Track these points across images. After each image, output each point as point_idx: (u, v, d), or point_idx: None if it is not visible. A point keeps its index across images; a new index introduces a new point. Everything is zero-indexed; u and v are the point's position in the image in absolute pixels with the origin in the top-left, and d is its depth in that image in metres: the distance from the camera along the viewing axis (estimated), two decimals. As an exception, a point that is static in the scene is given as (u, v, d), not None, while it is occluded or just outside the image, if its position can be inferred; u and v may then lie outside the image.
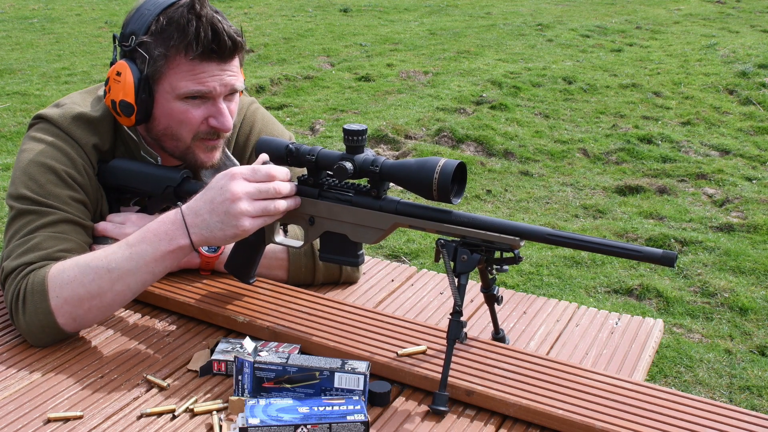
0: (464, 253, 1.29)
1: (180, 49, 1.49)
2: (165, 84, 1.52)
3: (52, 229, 1.47)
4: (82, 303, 1.38)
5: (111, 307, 1.41)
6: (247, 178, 1.37)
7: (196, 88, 1.51)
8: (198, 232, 1.37)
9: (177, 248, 1.39)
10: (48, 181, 1.50)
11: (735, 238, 4.06)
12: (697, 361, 3.03)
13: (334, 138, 5.41)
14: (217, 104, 1.54)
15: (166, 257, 1.39)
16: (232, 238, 1.38)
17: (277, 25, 9.35)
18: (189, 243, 1.38)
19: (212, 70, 1.51)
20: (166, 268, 1.41)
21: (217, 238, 1.38)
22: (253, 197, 1.36)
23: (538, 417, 1.25)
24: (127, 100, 1.51)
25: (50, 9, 10.09)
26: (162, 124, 1.56)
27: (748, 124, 5.93)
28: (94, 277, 1.38)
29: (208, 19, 1.48)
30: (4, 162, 4.89)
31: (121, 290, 1.39)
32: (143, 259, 1.38)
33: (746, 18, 10.21)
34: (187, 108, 1.53)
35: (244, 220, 1.35)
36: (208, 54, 1.49)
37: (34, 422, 1.22)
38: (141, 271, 1.39)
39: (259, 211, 1.37)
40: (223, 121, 1.55)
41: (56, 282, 1.38)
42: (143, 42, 1.51)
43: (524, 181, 4.87)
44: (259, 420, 1.15)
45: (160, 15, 1.51)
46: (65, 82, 6.80)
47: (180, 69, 1.50)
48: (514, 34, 9.06)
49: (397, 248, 3.87)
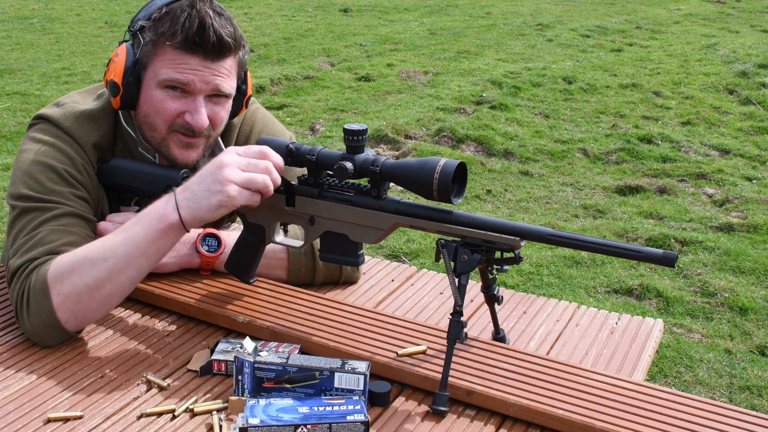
0: (465, 253, 1.29)
1: (167, 36, 1.50)
2: (150, 70, 1.54)
3: (55, 222, 1.47)
4: (81, 297, 1.38)
5: (110, 298, 1.40)
6: (239, 152, 1.39)
7: (174, 76, 1.51)
8: (186, 205, 1.37)
9: (167, 226, 1.38)
10: (48, 179, 1.50)
11: (735, 238, 4.06)
12: (697, 361, 3.03)
13: (334, 138, 5.41)
14: (196, 101, 1.54)
15: (159, 237, 1.38)
16: (216, 207, 1.36)
17: (277, 25, 9.35)
18: (178, 218, 1.37)
19: (195, 64, 1.51)
20: (159, 250, 1.40)
21: (203, 208, 1.36)
22: (241, 167, 1.37)
23: (538, 417, 1.25)
24: (115, 80, 1.54)
25: (50, 9, 10.09)
26: (142, 111, 1.58)
27: (748, 124, 5.93)
28: (92, 268, 1.37)
29: (199, 12, 1.49)
30: (4, 162, 4.89)
31: (118, 279, 1.38)
32: (136, 242, 1.38)
33: (746, 18, 10.21)
34: (165, 98, 1.54)
35: (230, 186, 1.35)
36: (191, 46, 1.50)
37: (34, 422, 1.21)
38: (135, 254, 1.38)
39: (245, 182, 1.36)
40: (198, 118, 1.54)
41: (56, 279, 1.38)
42: (142, 27, 1.54)
43: (524, 181, 4.87)
44: (259, 420, 1.15)
45: (165, 5, 1.53)
46: (65, 82, 6.80)
47: (165, 57, 1.52)
48: (514, 34, 9.06)
49: (397, 248, 3.87)
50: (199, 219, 1.38)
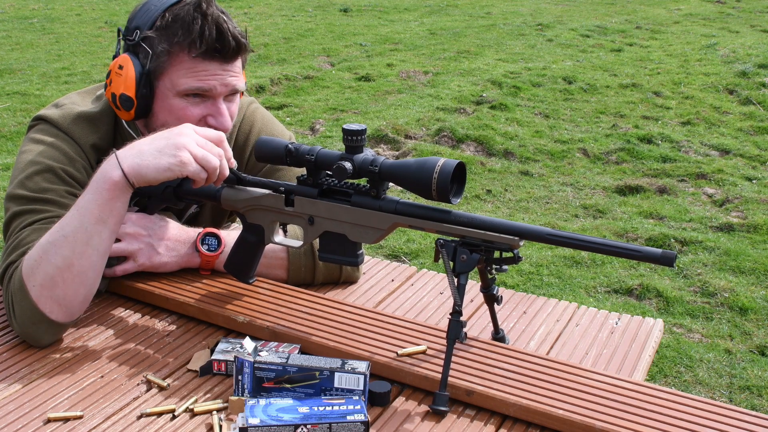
0: (464, 253, 1.29)
1: (183, 46, 1.50)
2: (166, 80, 1.53)
3: (41, 223, 1.47)
4: (55, 281, 1.36)
5: (84, 275, 1.38)
6: (197, 131, 1.39)
7: (197, 85, 1.51)
8: (131, 161, 1.34)
9: (112, 185, 1.35)
10: (44, 179, 1.51)
11: (735, 238, 4.06)
12: (697, 361, 3.03)
13: (334, 138, 5.41)
14: (217, 104, 1.55)
15: (108, 199, 1.35)
16: (165, 168, 1.34)
17: (277, 25, 9.35)
18: (121, 173, 1.34)
19: (214, 69, 1.52)
20: (113, 212, 1.37)
21: (150, 166, 1.33)
22: (199, 143, 1.36)
23: (538, 417, 1.25)
24: (128, 93, 1.52)
25: (50, 9, 10.09)
26: (160, 120, 1.57)
27: (748, 124, 5.93)
28: (55, 249, 1.36)
29: (213, 18, 1.49)
30: (4, 162, 4.89)
31: (83, 251, 1.36)
32: (89, 211, 1.36)
33: (746, 18, 10.21)
34: (186, 105, 1.54)
35: (184, 152, 1.33)
36: (211, 53, 1.50)
37: (34, 422, 1.21)
38: (91, 222, 1.36)
39: (200, 158, 1.35)
40: (222, 121, 1.56)
41: (28, 272, 1.37)
42: (147, 37, 1.51)
43: (524, 181, 4.87)
44: (259, 420, 1.15)
45: (166, 11, 1.52)
46: (65, 82, 6.80)
47: (182, 66, 1.51)
48: (514, 34, 9.06)
49: (397, 248, 3.87)
50: (143, 177, 1.34)
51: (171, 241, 1.60)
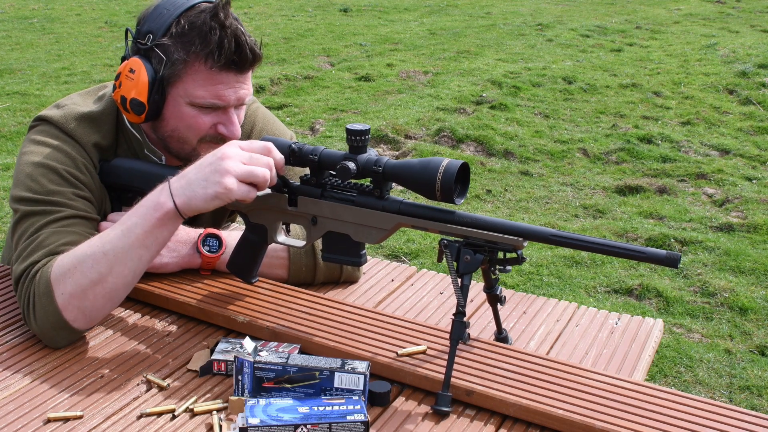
0: (467, 254, 1.29)
1: (200, 56, 1.48)
2: (180, 88, 1.52)
3: (56, 225, 1.46)
4: (86, 293, 1.37)
5: (115, 292, 1.40)
6: (242, 146, 1.37)
7: (212, 101, 1.52)
8: (181, 192, 1.35)
9: (163, 215, 1.36)
10: (50, 180, 1.50)
11: (735, 238, 4.06)
12: (697, 361, 3.03)
13: (334, 138, 5.41)
14: (228, 113, 1.55)
15: (156, 227, 1.37)
16: (213, 198, 1.34)
17: (277, 25, 9.35)
18: (173, 206, 1.36)
19: (230, 82, 1.51)
20: (157, 239, 1.39)
21: (198, 197, 1.34)
22: (243, 160, 1.35)
23: (538, 417, 1.25)
24: (140, 98, 1.50)
25: (50, 9, 10.09)
26: (170, 126, 1.56)
27: (748, 124, 5.93)
28: (92, 263, 1.37)
29: (232, 30, 1.48)
30: (4, 162, 4.89)
31: (120, 272, 1.38)
32: (134, 234, 1.37)
33: (746, 18, 10.21)
34: (198, 114, 1.53)
35: (228, 178, 1.33)
36: (228, 65, 1.49)
37: (34, 422, 1.21)
38: (134, 246, 1.37)
39: (245, 175, 1.34)
40: (233, 129, 1.56)
41: (59, 279, 1.37)
42: (161, 43, 1.50)
43: (524, 181, 4.87)
44: (259, 420, 1.15)
45: (180, 17, 1.50)
46: (65, 82, 6.80)
47: (198, 76, 1.50)
48: (514, 34, 9.06)
49: (397, 248, 3.87)
50: (194, 208, 1.36)
51: (172, 242, 1.59)
